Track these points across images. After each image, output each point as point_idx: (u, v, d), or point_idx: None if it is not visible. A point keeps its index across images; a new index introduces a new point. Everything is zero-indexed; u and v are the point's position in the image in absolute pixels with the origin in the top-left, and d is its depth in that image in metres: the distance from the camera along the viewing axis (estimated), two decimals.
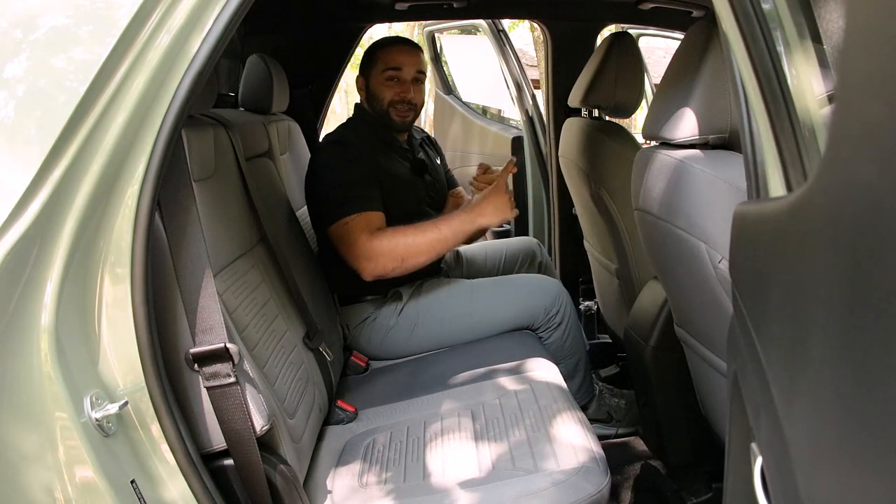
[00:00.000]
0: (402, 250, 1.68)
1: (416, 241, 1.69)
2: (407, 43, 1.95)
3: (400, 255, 1.68)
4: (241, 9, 0.90)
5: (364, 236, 1.67)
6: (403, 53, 1.88)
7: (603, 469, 1.22)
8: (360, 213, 1.69)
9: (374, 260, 1.67)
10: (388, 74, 1.85)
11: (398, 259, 1.68)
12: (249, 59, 2.08)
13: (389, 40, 1.96)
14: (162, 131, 0.88)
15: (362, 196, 1.71)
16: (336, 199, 1.72)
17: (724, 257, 1.10)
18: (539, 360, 1.69)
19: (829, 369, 0.49)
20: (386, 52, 1.87)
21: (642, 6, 2.27)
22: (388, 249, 1.67)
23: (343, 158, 1.77)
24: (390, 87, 1.85)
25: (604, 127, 2.01)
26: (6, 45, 0.85)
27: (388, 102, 1.86)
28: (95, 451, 0.83)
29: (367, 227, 1.68)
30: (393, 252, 1.67)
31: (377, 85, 1.87)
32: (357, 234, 1.67)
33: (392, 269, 1.69)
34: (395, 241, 1.68)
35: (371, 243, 1.66)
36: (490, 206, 1.75)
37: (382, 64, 1.86)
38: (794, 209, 0.57)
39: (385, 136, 1.91)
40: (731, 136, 1.19)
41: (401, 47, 1.90)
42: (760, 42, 0.74)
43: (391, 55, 1.87)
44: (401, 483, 1.26)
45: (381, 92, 1.86)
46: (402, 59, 1.86)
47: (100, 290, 0.89)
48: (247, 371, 1.06)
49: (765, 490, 0.65)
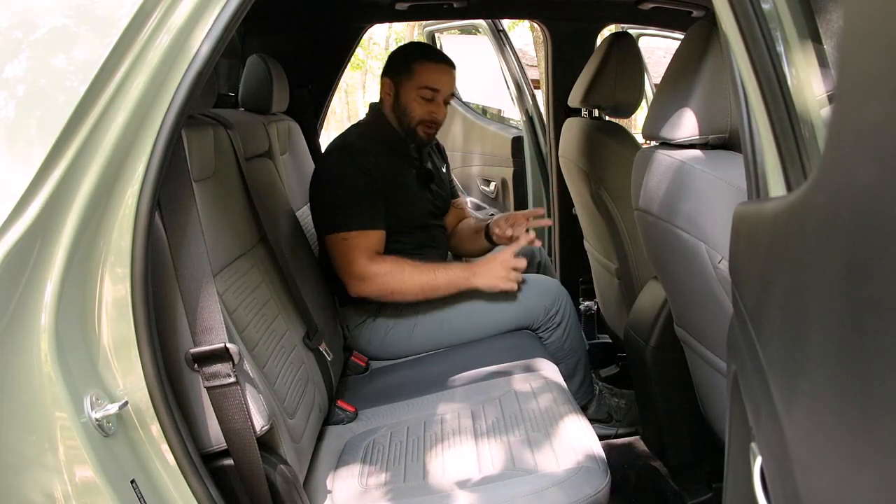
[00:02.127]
0: (394, 284, 1.69)
1: (411, 279, 1.70)
2: (447, 62, 1.86)
3: (391, 287, 1.70)
4: (242, 9, 0.90)
5: (363, 258, 1.67)
6: (444, 74, 1.82)
7: (603, 469, 1.22)
8: (361, 230, 1.68)
9: (365, 282, 1.69)
10: (425, 93, 1.80)
11: (388, 290, 1.71)
12: (249, 59, 2.08)
13: (430, 54, 1.87)
14: (162, 131, 0.88)
15: (366, 212, 1.70)
16: (339, 210, 1.70)
17: (724, 257, 1.10)
18: (539, 361, 1.69)
19: (828, 369, 0.49)
20: (427, 68, 1.80)
21: (642, 6, 2.28)
22: (382, 278, 1.68)
23: (351, 168, 1.74)
24: (423, 106, 1.81)
25: (604, 127, 2.01)
26: (6, 45, 0.85)
27: (419, 121, 1.82)
28: (95, 451, 0.83)
29: (366, 247, 1.68)
30: (386, 282, 1.69)
31: (410, 100, 1.81)
32: (356, 252, 1.67)
33: (378, 296, 1.73)
34: (391, 272, 1.69)
35: (369, 267, 1.67)
36: (490, 271, 1.74)
37: (421, 80, 1.79)
38: (794, 209, 0.57)
39: (396, 143, 1.87)
40: (731, 136, 1.19)
41: (442, 66, 1.83)
42: (760, 42, 0.74)
43: (432, 75, 1.80)
44: (401, 483, 1.26)
45: (412, 108, 1.81)
46: (442, 80, 1.81)
47: (100, 290, 0.89)
48: (247, 371, 1.06)
49: (764, 490, 0.65)
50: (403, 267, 1.70)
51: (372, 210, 1.72)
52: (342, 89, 12.27)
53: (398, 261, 1.71)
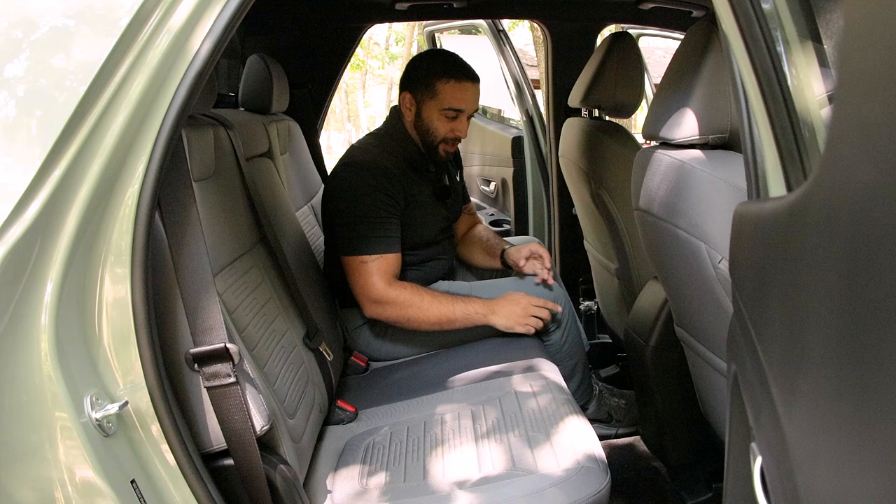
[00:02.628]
0: (411, 312, 1.68)
1: (428, 310, 1.68)
2: (471, 77, 1.77)
3: (407, 315, 1.69)
4: (242, 9, 0.90)
5: (381, 282, 1.66)
6: (468, 92, 1.75)
7: (603, 469, 1.22)
8: (381, 255, 1.67)
9: (382, 306, 1.68)
10: (449, 114, 1.75)
11: (404, 318, 1.69)
12: (249, 59, 2.08)
13: (453, 70, 1.75)
14: (162, 131, 0.88)
15: (385, 237, 1.68)
16: (359, 233, 1.67)
17: (724, 257, 1.10)
18: (539, 361, 1.69)
19: (828, 369, 0.49)
20: (450, 87, 1.73)
21: (642, 6, 2.28)
22: (399, 306, 1.67)
23: (372, 186, 1.69)
24: (446, 124, 1.76)
25: (604, 127, 2.01)
26: (6, 45, 0.85)
27: (441, 140, 1.78)
28: (95, 451, 0.83)
29: (385, 271, 1.67)
30: (403, 311, 1.68)
31: (432, 119, 1.76)
32: (374, 276, 1.66)
33: (394, 321, 1.71)
34: (409, 301, 1.67)
35: (387, 292, 1.66)
36: (510, 312, 1.72)
37: (444, 101, 1.74)
38: (793, 209, 0.57)
39: (416, 157, 1.83)
40: (731, 136, 1.19)
41: (466, 84, 1.75)
42: (760, 42, 0.74)
43: (457, 94, 1.74)
44: (401, 483, 1.26)
45: (435, 127, 1.77)
46: (467, 101, 1.75)
47: (100, 290, 0.89)
48: (247, 371, 1.06)
49: (764, 490, 0.65)
50: (423, 296, 1.68)
51: (392, 233, 1.70)
52: (342, 89, 12.28)
53: (417, 290, 1.69)
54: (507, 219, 3.20)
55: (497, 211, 3.34)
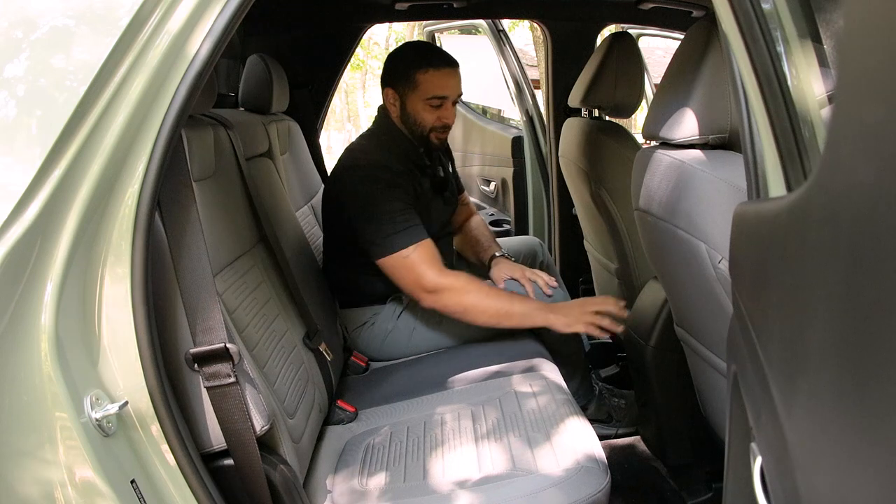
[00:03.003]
0: (468, 301, 1.62)
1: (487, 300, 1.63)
2: (449, 63, 1.75)
3: (465, 304, 1.63)
4: (241, 9, 0.90)
5: (431, 270, 1.62)
6: (449, 78, 1.73)
7: (603, 469, 1.22)
8: (416, 244, 1.63)
9: (438, 294, 1.63)
10: (433, 102, 1.73)
11: (461, 307, 1.63)
12: (249, 59, 2.08)
13: (430, 59, 1.74)
14: (162, 131, 0.88)
15: (413, 226, 1.65)
16: (386, 231, 1.64)
17: (724, 257, 1.10)
18: (539, 361, 1.69)
19: (828, 369, 0.49)
20: (430, 76, 1.71)
21: (642, 6, 2.28)
22: (456, 293, 1.62)
23: (383, 185, 1.67)
24: (432, 113, 1.74)
25: (604, 127, 2.01)
26: (6, 45, 0.85)
27: (430, 129, 1.77)
28: (95, 451, 0.83)
29: (429, 259, 1.63)
30: (459, 298, 1.62)
31: (418, 110, 1.75)
32: (422, 266, 1.62)
33: (451, 310, 1.65)
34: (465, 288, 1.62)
35: (440, 279, 1.62)
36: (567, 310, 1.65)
37: (426, 91, 1.72)
38: (793, 209, 0.57)
39: (410, 151, 1.82)
40: (731, 136, 1.19)
41: (445, 70, 1.73)
42: (760, 42, 0.74)
43: (436, 82, 1.72)
44: (401, 483, 1.26)
45: (421, 117, 1.75)
46: (448, 86, 1.73)
47: (100, 290, 0.89)
48: (247, 371, 1.06)
49: (764, 490, 0.65)
50: (479, 285, 1.64)
51: (417, 222, 1.67)
52: (342, 89, 12.27)
53: (471, 278, 1.65)
54: (507, 219, 3.20)
55: (497, 211, 3.34)
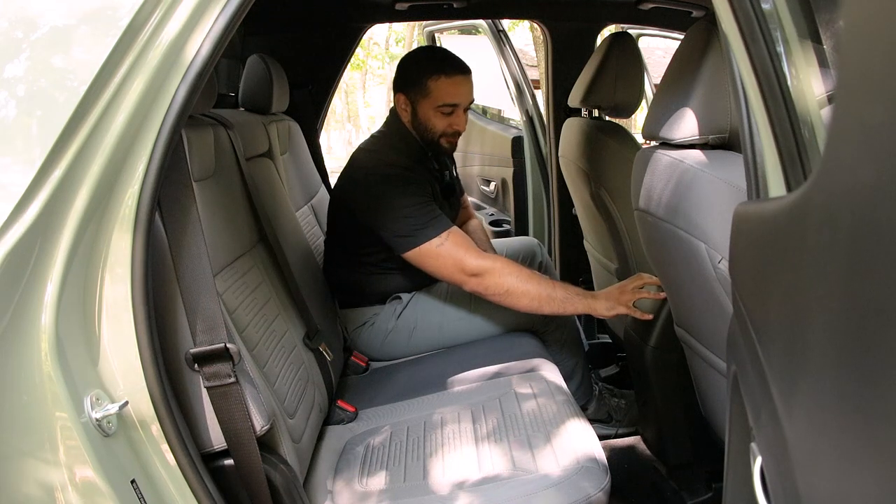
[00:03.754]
0: (510, 281, 1.60)
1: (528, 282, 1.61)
2: (462, 70, 1.74)
3: (506, 285, 1.61)
4: (241, 9, 0.90)
5: (469, 254, 1.61)
6: (461, 86, 1.73)
7: (603, 469, 1.22)
8: (447, 231, 1.63)
9: (480, 277, 1.61)
10: (445, 110, 1.73)
11: (503, 288, 1.61)
12: (249, 59, 2.08)
13: (443, 66, 1.73)
14: (162, 131, 0.88)
15: (439, 216, 1.65)
16: (413, 226, 1.63)
17: (724, 257, 1.10)
18: (539, 361, 1.69)
19: (828, 369, 0.49)
20: (442, 84, 1.71)
21: (642, 6, 2.28)
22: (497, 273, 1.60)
23: (403, 184, 1.67)
24: (443, 120, 1.75)
25: (604, 127, 2.01)
26: (6, 45, 0.85)
27: (441, 135, 1.77)
28: (95, 451, 0.83)
29: (463, 244, 1.63)
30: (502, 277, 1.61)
31: (429, 117, 1.75)
32: (459, 251, 1.61)
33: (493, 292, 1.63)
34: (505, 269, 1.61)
35: (480, 262, 1.61)
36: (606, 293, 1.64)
37: (438, 98, 1.72)
38: (793, 209, 0.57)
39: (421, 154, 1.83)
40: (731, 136, 1.19)
41: (458, 78, 1.73)
42: (760, 42, 0.74)
43: (449, 90, 1.72)
44: (401, 483, 1.26)
45: (433, 124, 1.75)
46: (460, 94, 1.73)
47: (100, 290, 0.89)
48: (247, 371, 1.06)
49: (764, 490, 0.65)
50: (519, 268, 1.63)
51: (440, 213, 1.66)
52: (342, 89, 12.26)
53: (509, 261, 1.65)
54: (507, 219, 3.20)
55: (497, 211, 3.34)
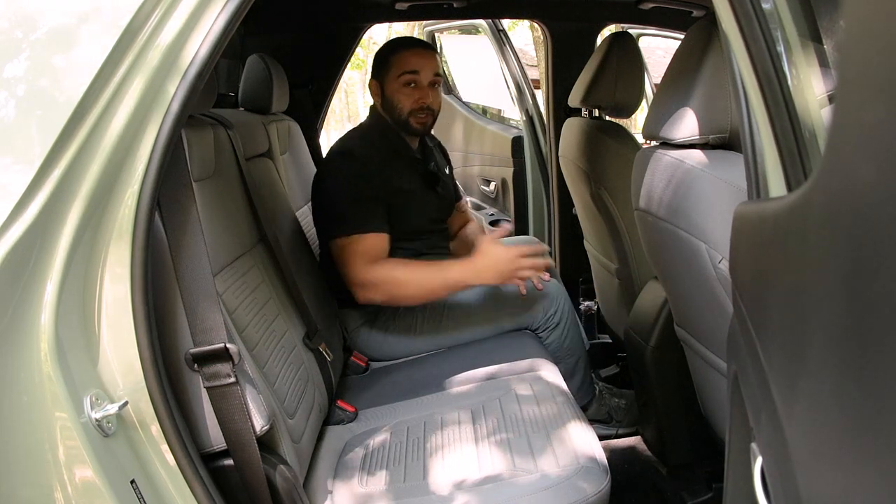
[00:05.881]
0: (396, 291, 1.66)
1: (410, 285, 1.66)
2: (421, 45, 1.88)
3: (392, 293, 1.67)
4: (241, 9, 0.90)
5: (360, 263, 1.65)
6: (419, 56, 1.81)
7: (603, 469, 1.22)
8: (359, 234, 1.66)
9: (367, 289, 1.66)
10: (405, 79, 1.78)
11: (389, 297, 1.68)
12: (249, 59, 2.08)
13: (403, 43, 1.88)
14: (162, 131, 0.88)
15: (364, 217, 1.68)
16: (338, 215, 1.69)
17: (725, 257, 1.10)
18: (539, 361, 1.69)
19: (829, 369, 0.49)
20: (400, 55, 1.80)
21: (642, 6, 2.28)
22: (382, 285, 1.65)
23: (351, 173, 1.72)
24: (408, 95, 1.79)
25: (604, 127, 2.01)
26: (6, 45, 0.85)
27: (409, 112, 1.80)
28: (95, 451, 0.83)
29: (364, 252, 1.65)
30: (387, 289, 1.66)
31: (394, 92, 1.80)
32: (354, 258, 1.65)
33: (384, 302, 1.71)
34: (389, 279, 1.65)
35: (366, 273, 1.65)
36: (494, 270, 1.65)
37: (398, 68, 1.79)
38: (794, 209, 0.57)
39: (398, 144, 1.85)
40: (731, 136, 1.19)
41: (415, 50, 1.83)
42: (760, 42, 0.74)
43: (406, 59, 1.79)
44: (401, 483, 1.26)
45: (399, 100, 1.80)
46: (419, 63, 1.79)
47: (100, 290, 0.89)
48: (247, 371, 1.06)
49: (765, 490, 0.65)
50: (402, 272, 1.66)
51: (369, 214, 1.69)
52: (342, 89, 12.25)
53: (395, 265, 1.67)
54: (507, 219, 3.20)
55: (497, 211, 3.34)
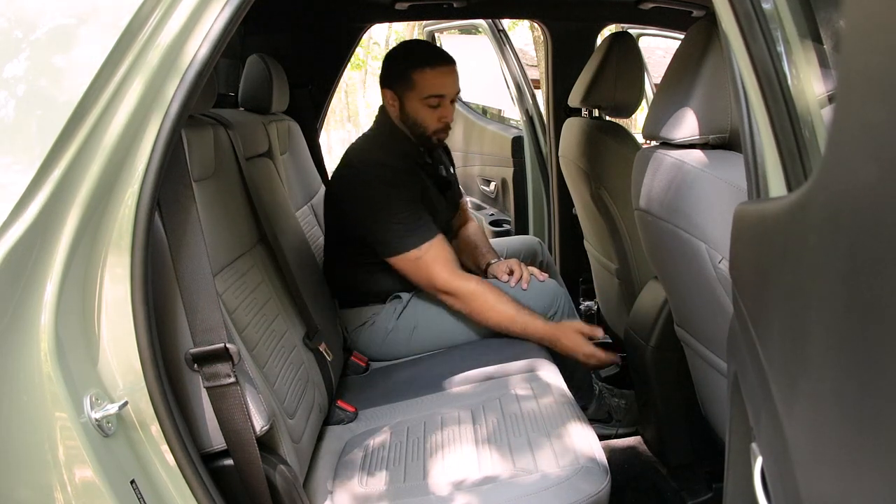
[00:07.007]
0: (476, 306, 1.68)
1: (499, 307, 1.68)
2: (445, 60, 1.74)
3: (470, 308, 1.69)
4: (241, 9, 0.90)
5: (444, 271, 1.65)
6: (444, 76, 1.72)
7: (603, 469, 1.22)
8: (428, 242, 1.65)
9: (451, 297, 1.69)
10: (432, 102, 1.72)
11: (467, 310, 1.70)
12: (249, 59, 2.08)
13: (426, 59, 1.74)
14: (162, 131, 0.88)
15: (425, 225, 1.67)
16: (396, 232, 1.65)
17: (725, 257, 1.10)
18: (539, 361, 1.69)
19: (829, 369, 0.49)
20: (424, 75, 1.71)
21: (642, 6, 2.28)
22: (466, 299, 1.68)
23: (388, 184, 1.68)
24: (432, 115, 1.74)
25: (604, 127, 2.01)
26: (6, 45, 0.85)
27: (433, 131, 1.76)
28: (95, 451, 0.83)
29: (439, 258, 1.66)
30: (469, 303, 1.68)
31: (417, 110, 1.74)
32: (433, 267, 1.65)
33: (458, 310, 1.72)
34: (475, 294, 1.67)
35: (456, 281, 1.66)
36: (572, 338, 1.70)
37: (423, 90, 1.71)
38: (794, 209, 0.57)
39: (414, 152, 1.82)
40: (731, 136, 1.19)
41: (441, 69, 1.72)
42: (760, 42, 0.73)
43: (432, 81, 1.71)
44: (401, 483, 1.26)
45: (422, 119, 1.75)
46: (444, 85, 1.72)
47: (100, 290, 0.89)
48: (247, 371, 1.06)
49: (765, 490, 0.65)
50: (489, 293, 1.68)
51: (426, 220, 1.68)
52: (342, 89, 12.24)
53: (481, 283, 1.68)
54: (507, 219, 3.20)
55: (497, 211, 3.34)
